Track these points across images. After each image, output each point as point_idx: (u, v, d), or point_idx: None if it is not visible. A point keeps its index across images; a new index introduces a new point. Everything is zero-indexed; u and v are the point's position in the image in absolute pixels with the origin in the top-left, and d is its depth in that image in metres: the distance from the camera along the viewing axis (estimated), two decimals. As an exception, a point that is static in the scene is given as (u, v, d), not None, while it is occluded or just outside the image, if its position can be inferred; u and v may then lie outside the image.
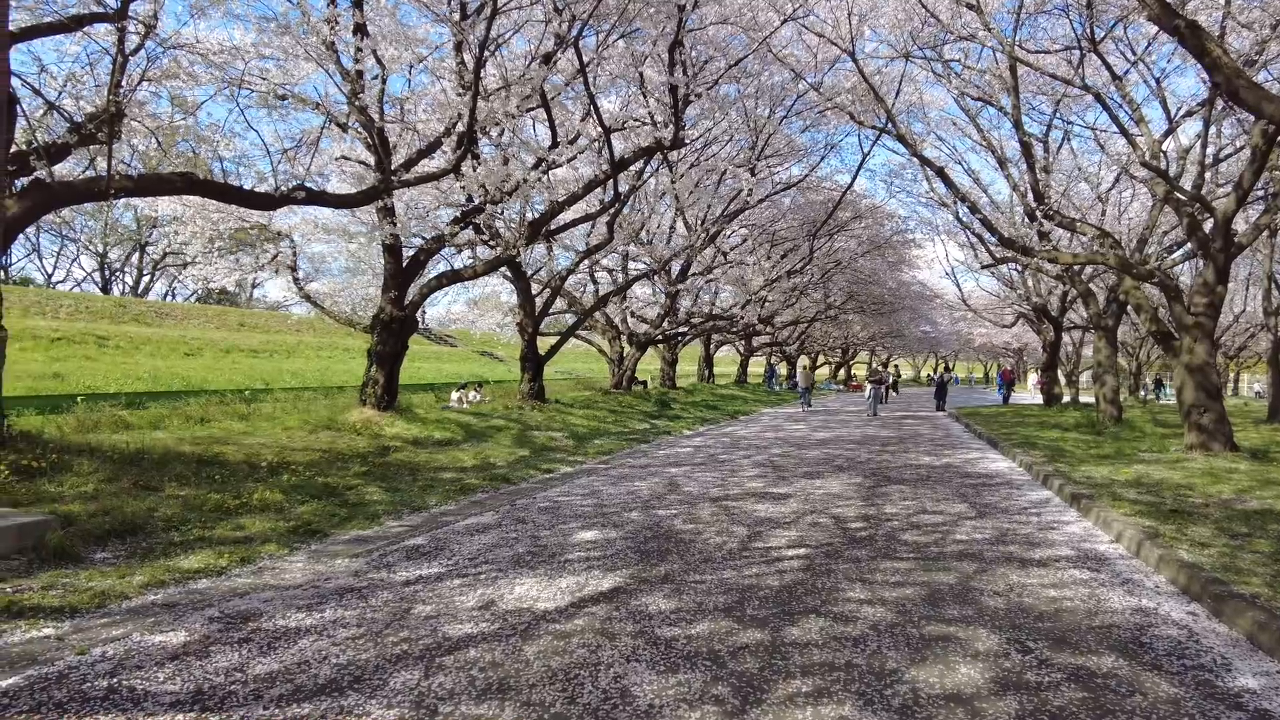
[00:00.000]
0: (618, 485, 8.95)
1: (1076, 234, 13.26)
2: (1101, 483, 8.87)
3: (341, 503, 7.37)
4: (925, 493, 8.63)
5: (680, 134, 11.48)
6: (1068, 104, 16.42)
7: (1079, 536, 6.47)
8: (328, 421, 11.85)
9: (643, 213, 20.01)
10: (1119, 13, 12.73)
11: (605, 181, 11.76)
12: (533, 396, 16.68)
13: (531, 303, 16.92)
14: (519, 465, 10.20)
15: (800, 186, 24.26)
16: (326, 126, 12.23)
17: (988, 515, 7.33)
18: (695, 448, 13.32)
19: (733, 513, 7.29)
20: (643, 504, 7.73)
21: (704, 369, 34.69)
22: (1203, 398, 11.73)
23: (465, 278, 12.83)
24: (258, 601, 4.50)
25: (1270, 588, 4.62)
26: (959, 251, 28.70)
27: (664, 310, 23.15)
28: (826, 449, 13.25)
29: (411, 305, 12.97)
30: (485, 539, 6.17)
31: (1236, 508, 7.37)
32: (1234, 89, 6.57)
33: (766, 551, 5.76)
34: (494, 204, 11.70)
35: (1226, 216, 11.46)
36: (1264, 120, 10.83)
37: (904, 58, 15.11)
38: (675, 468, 10.56)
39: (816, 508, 7.60)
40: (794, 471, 10.29)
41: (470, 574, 5.14)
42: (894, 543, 6.09)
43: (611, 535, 6.27)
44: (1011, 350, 69.68)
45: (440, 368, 39.93)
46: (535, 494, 8.29)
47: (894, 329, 47.53)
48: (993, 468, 11.10)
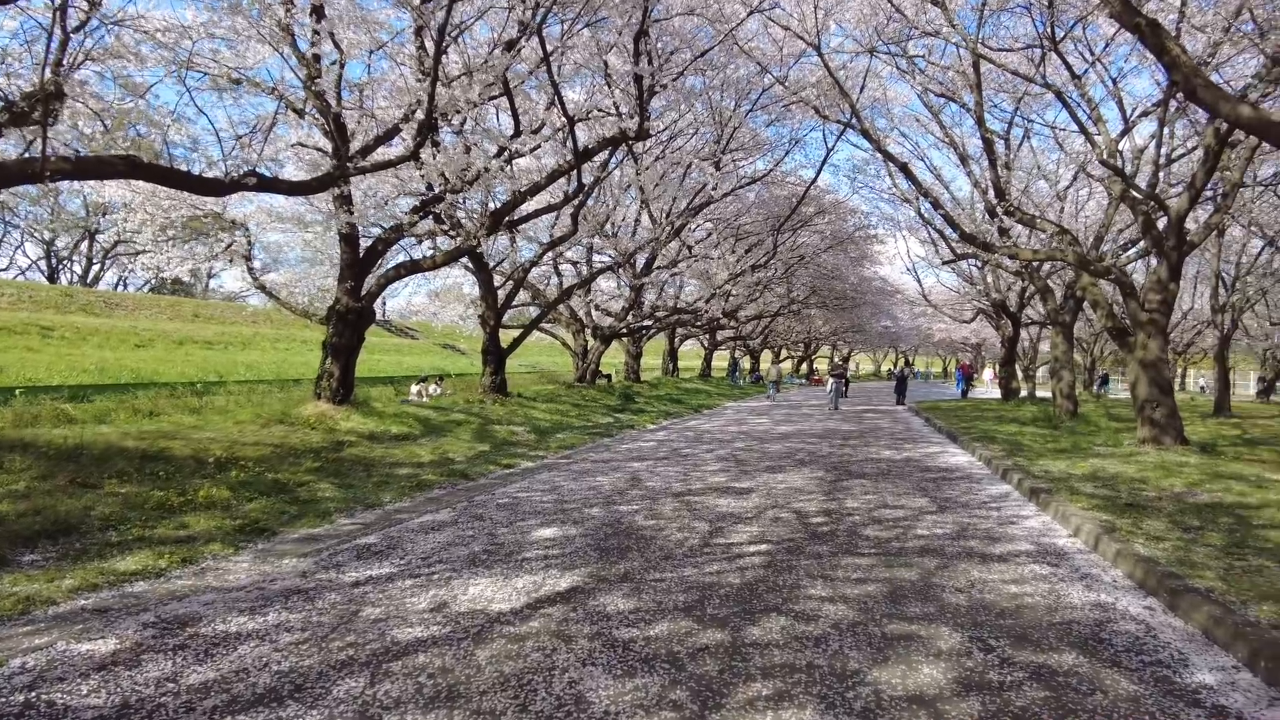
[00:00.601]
0: (579, 480, 8.81)
1: (1036, 231, 13.40)
2: (1059, 477, 8.96)
3: (292, 500, 7.13)
4: (886, 487, 8.63)
5: (645, 125, 11.34)
6: (1028, 102, 16.60)
7: (1038, 531, 6.50)
8: (281, 415, 11.52)
9: (607, 205, 19.83)
10: (1078, 13, 12.88)
11: (569, 172, 11.57)
12: (494, 390, 16.45)
13: (493, 295, 16.67)
14: (478, 460, 10.01)
15: (765, 181, 24.28)
16: (282, 112, 11.88)
17: (948, 510, 7.35)
18: (659, 442, 13.23)
19: (695, 508, 7.20)
20: (604, 499, 7.61)
21: (668, 363, 34.65)
22: (1155, 393, 11.95)
23: (424, 268, 12.55)
24: (197, 605, 4.29)
25: (1223, 581, 4.66)
26: (919, 247, 29.00)
27: (629, 303, 23.03)
28: (789, 443, 13.26)
29: (369, 296, 12.66)
30: (440, 537, 6.00)
31: (1188, 501, 7.48)
32: (1191, 88, 6.64)
33: (728, 548, 5.68)
34: (454, 193, 11.44)
35: (1180, 215, 11.66)
36: (1218, 120, 11.04)
37: (869, 53, 15.12)
38: (638, 462, 10.45)
39: (778, 502, 7.55)
40: (756, 465, 10.25)
41: (423, 574, 4.97)
42: (856, 538, 6.05)
43: (571, 532, 6.14)
44: (970, 345, 70.96)
45: (401, 361, 39.34)
46: (494, 490, 8.12)
47: (856, 324, 47.97)
48: (953, 462, 11.18)
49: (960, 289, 33.34)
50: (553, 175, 11.55)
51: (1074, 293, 17.80)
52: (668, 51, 14.01)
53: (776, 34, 16.32)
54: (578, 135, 11.46)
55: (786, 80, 15.48)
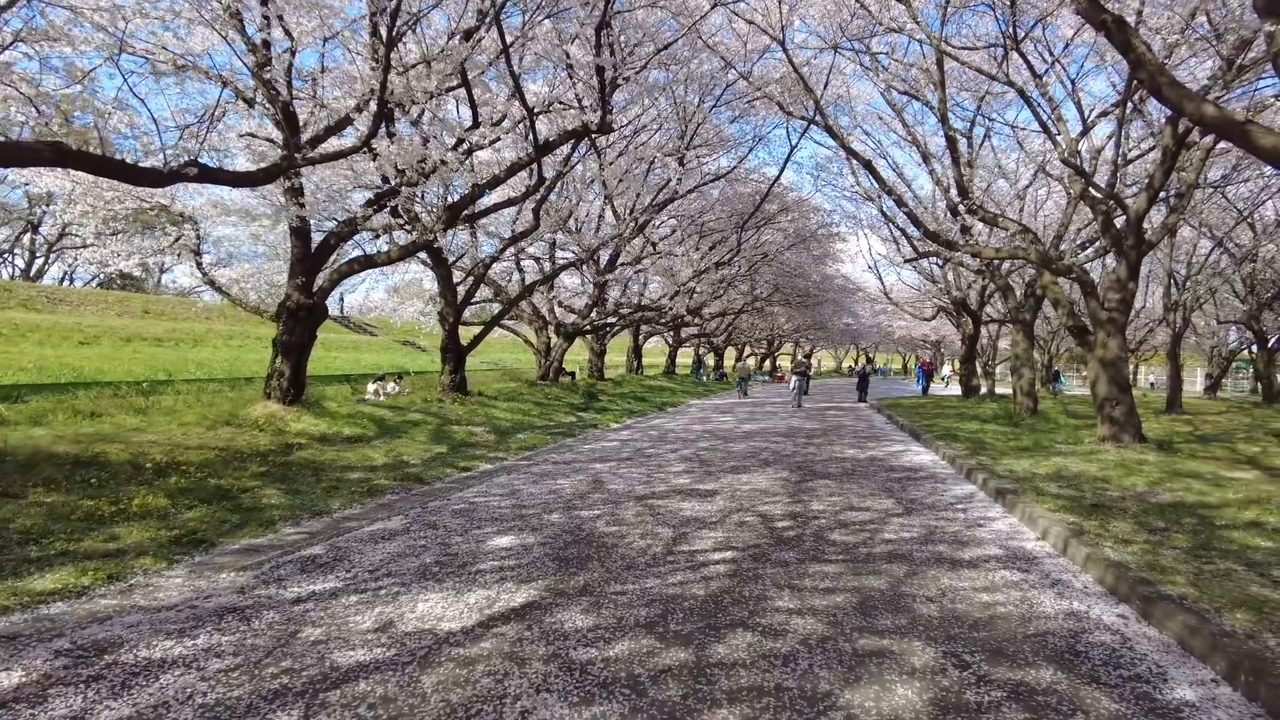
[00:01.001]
0: (539, 484, 8.55)
1: (999, 229, 13.44)
2: (1024, 476, 8.93)
3: (235, 507, 6.77)
4: (851, 488, 8.52)
5: (608, 118, 11.08)
6: (989, 102, 16.68)
7: (1006, 534, 6.41)
8: (228, 416, 11.06)
9: (570, 200, 19.53)
10: (1039, 13, 12.93)
11: (529, 165, 11.27)
12: (454, 389, 16.07)
13: (453, 291, 16.28)
14: (434, 463, 9.68)
15: (729, 178, 24.19)
16: (231, 102, 11.41)
17: (915, 512, 7.24)
18: (622, 441, 13.01)
19: (658, 512, 6.99)
20: (565, 504, 7.36)
21: (632, 360, 34.44)
22: (1115, 391, 12.05)
23: (379, 263, 12.15)
24: (120, 628, 3.96)
25: (1195, 587, 4.58)
26: (881, 245, 29.19)
27: (592, 300, 22.76)
28: (753, 442, 13.13)
29: (321, 292, 12.23)
30: (390, 547, 5.71)
31: (1151, 500, 7.48)
32: (1157, 86, 6.60)
33: (692, 556, 5.47)
34: (410, 186, 11.09)
35: (1139, 215, 11.75)
36: (1180, 121, 11.13)
37: (833, 49, 15.05)
38: (601, 463, 10.22)
39: (743, 505, 7.38)
40: (721, 466, 10.08)
41: (370, 589, 4.69)
42: (822, 543, 5.89)
43: (529, 541, 5.88)
44: (929, 343, 71.92)
45: (359, 358, 38.58)
46: (450, 495, 7.82)
47: (818, 321, 48.23)
48: (917, 461, 11.14)
49: (921, 287, 33.66)
50: (512, 168, 11.23)
51: (1034, 291, 17.97)
52: (631, 44, 13.77)
53: (741, 29, 16.17)
54: (539, 128, 11.16)
55: (751, 75, 15.32)
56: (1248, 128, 6.19)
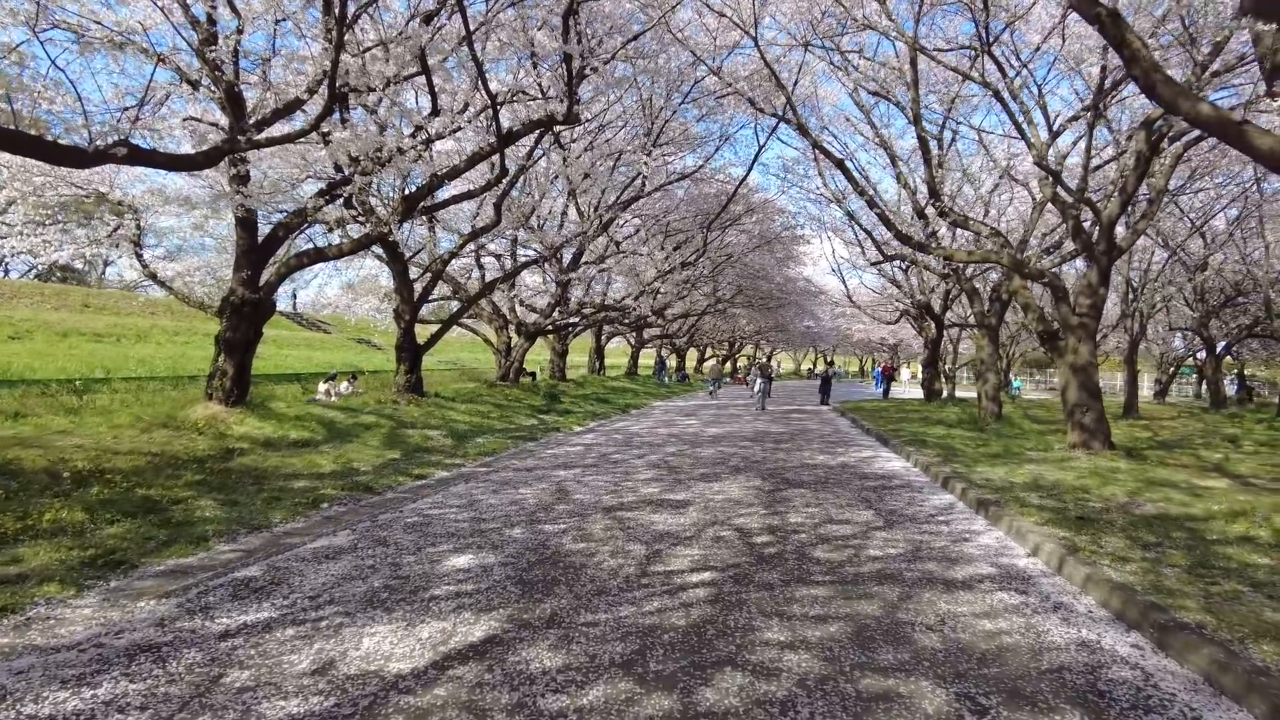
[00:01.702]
0: (500, 493, 8.03)
1: (970, 231, 13.28)
2: (1001, 485, 8.68)
3: (163, 521, 6.14)
4: (828, 498, 8.16)
5: (575, 109, 10.59)
6: (957, 105, 16.57)
7: (995, 550, 6.09)
8: (166, 418, 10.34)
9: (533, 196, 18.97)
10: (1009, 16, 12.80)
11: (491, 155, 10.72)
12: (409, 390, 15.41)
13: (409, 287, 15.62)
14: (386, 470, 9.09)
15: (694, 178, 23.83)
16: (175, 84, 10.68)
17: (897, 525, 6.89)
18: (586, 446, 12.52)
19: (628, 526, 6.54)
20: (527, 517, 6.86)
21: (595, 361, 33.93)
22: (1085, 397, 11.93)
23: (329, 256, 11.49)
24: (4, 676, 3.38)
25: (1209, 613, 4.27)
26: (844, 249, 29.14)
27: (555, 299, 22.21)
28: (720, 447, 12.75)
29: (267, 287, 11.54)
30: (335, 568, 5.16)
31: (1136, 513, 7.25)
32: (1151, 83, 6.36)
33: (668, 578, 5.03)
34: (364, 175, 10.48)
35: (1111, 219, 11.65)
36: (1156, 124, 11.04)
37: (803, 47, 14.76)
38: (565, 470, 9.72)
39: (718, 517, 6.96)
40: (690, 473, 9.66)
41: (309, 620, 4.15)
42: (806, 561, 5.50)
43: (489, 560, 5.38)
44: (887, 346, 72.62)
45: (311, 356, 37.42)
46: (402, 506, 7.27)
47: (779, 324, 48.27)
48: (889, 467, 10.85)
49: (882, 290, 33.75)
50: (473, 159, 10.68)
51: (1000, 295, 17.92)
52: (599, 35, 13.30)
53: (711, 24, 15.83)
54: (501, 117, 10.62)
55: (721, 71, 14.96)
56: (1244, 128, 5.96)
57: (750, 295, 36.92)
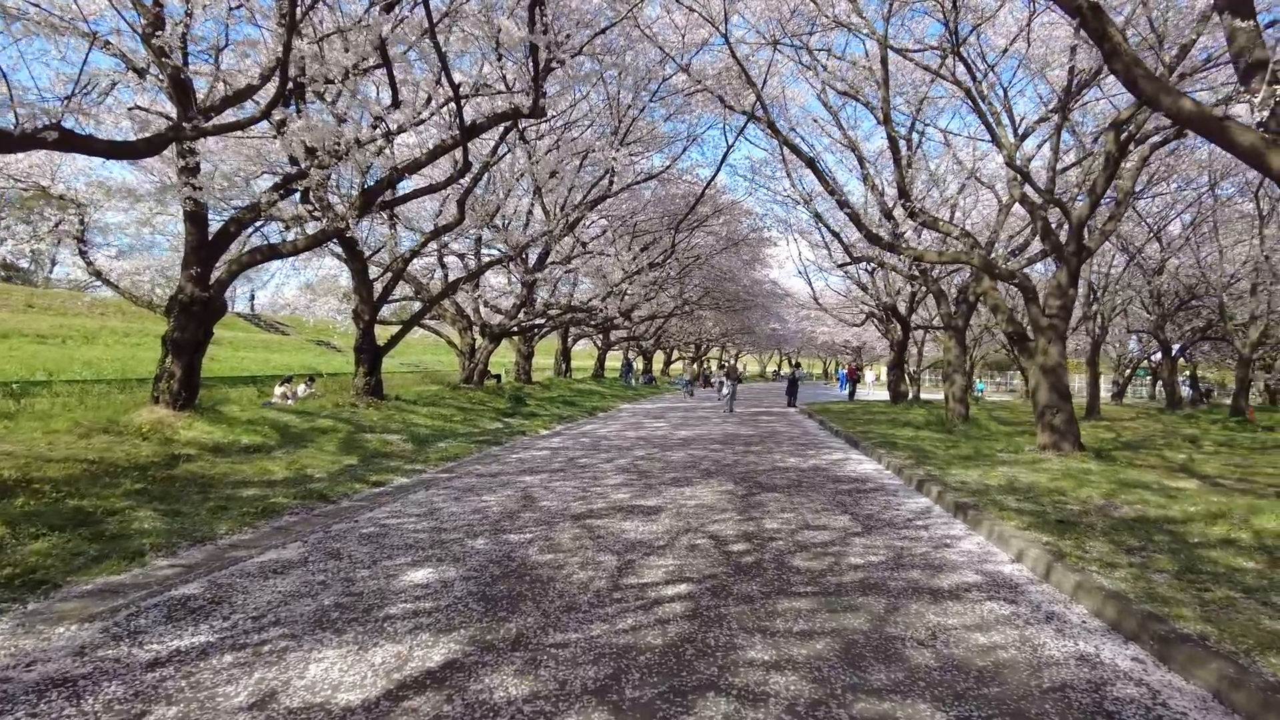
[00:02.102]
0: (462, 500, 7.66)
1: (939, 232, 13.21)
2: (977, 488, 8.53)
3: (95, 535, 5.68)
4: (802, 502, 7.93)
5: (541, 102, 10.26)
6: (925, 108, 16.55)
7: (978, 556, 5.89)
8: (107, 423, 9.76)
9: (498, 194, 18.54)
10: (976, 18, 12.76)
11: (454, 149, 10.34)
12: (369, 392, 14.90)
13: (369, 287, 15.11)
14: (342, 477, 8.65)
15: (662, 178, 23.58)
16: (120, 72, 10.13)
17: (875, 530, 6.68)
18: (553, 450, 12.17)
19: (598, 535, 6.22)
20: (491, 525, 6.51)
21: (561, 363, 33.52)
22: (1055, 399, 11.90)
23: (284, 253, 11.00)
24: (-111, 718, 2.96)
25: (1207, 623, 4.09)
26: (810, 251, 29.13)
27: (520, 300, 21.78)
28: (690, 450, 12.49)
29: (218, 284, 11.00)
30: (283, 584, 4.77)
31: (1114, 515, 7.13)
32: (1132, 78, 6.24)
33: (642, 591, 4.73)
34: (321, 169, 10.03)
35: (1081, 220, 11.64)
36: (1126, 126, 11.03)
37: (772, 45, 14.60)
38: (531, 475, 9.37)
39: (691, 524, 6.68)
40: (660, 478, 9.37)
41: (251, 644, 3.77)
42: (785, 571, 5.24)
43: (450, 574, 5.03)
44: (850, 348, 73.15)
45: (268, 358, 36.47)
46: (358, 515, 6.86)
47: (746, 326, 48.28)
48: (861, 470, 10.68)
49: (848, 293, 33.84)
50: (435, 152, 10.29)
51: (966, 297, 17.95)
52: (564, 31, 12.97)
53: (679, 21, 15.61)
54: (465, 109, 10.25)
55: (690, 68, 14.72)
56: (1226, 124, 5.85)
57: (717, 297, 36.81)
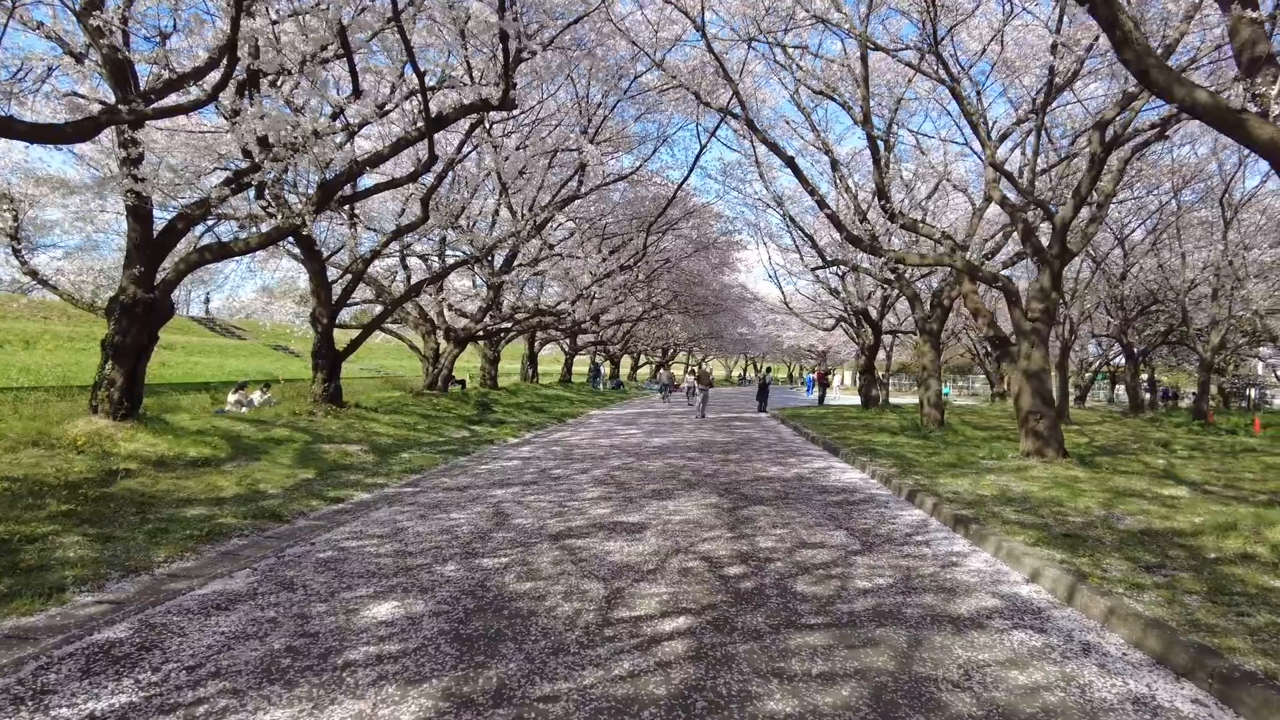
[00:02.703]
0: (429, 519, 7.07)
1: (920, 235, 12.92)
2: (971, 499, 8.18)
3: (8, 567, 5.00)
4: (792, 516, 7.49)
5: (511, 94, 9.73)
6: (901, 108, 16.34)
7: (990, 576, 5.49)
8: (38, 435, 8.99)
9: (463, 194, 17.90)
10: (951, 20, 12.55)
11: (418, 141, 9.76)
12: (327, 399, 14.17)
13: (327, 289, 14.39)
14: (299, 493, 8.00)
15: (631, 180, 23.13)
16: (57, 55, 9.40)
17: (876, 548, 6.25)
18: (524, 460, 11.60)
19: (580, 557, 5.70)
20: (462, 548, 5.94)
21: (527, 368, 32.83)
22: (1039, 404, 11.66)
23: (236, 252, 10.29)
24: None
25: (1268, 656, 3.71)
26: (780, 255, 28.92)
27: (486, 303, 21.12)
28: (668, 459, 12.01)
29: (164, 284, 10.26)
30: (227, 623, 4.17)
31: (1119, 528, 6.81)
32: (1144, 67, 5.93)
33: (636, 626, 4.22)
34: (276, 162, 9.37)
35: (1064, 222, 11.43)
36: (1109, 126, 10.83)
37: (747, 42, 14.25)
38: (502, 489, 8.80)
39: (680, 544, 6.19)
40: (640, 490, 8.87)
41: (184, 704, 3.19)
42: (790, 598, 4.78)
43: (418, 608, 4.47)
44: (816, 353, 73.40)
45: (224, 364, 35.24)
46: (315, 537, 6.25)
47: (714, 330, 48.03)
48: (846, 480, 10.30)
49: (816, 297, 33.68)
50: (398, 144, 9.69)
51: (941, 301, 17.76)
52: (536, 24, 12.45)
53: (651, 17, 15.19)
54: (432, 107, 9.67)
55: (664, 64, 14.28)
56: (1243, 118, 5.55)
57: (686, 301, 36.45)
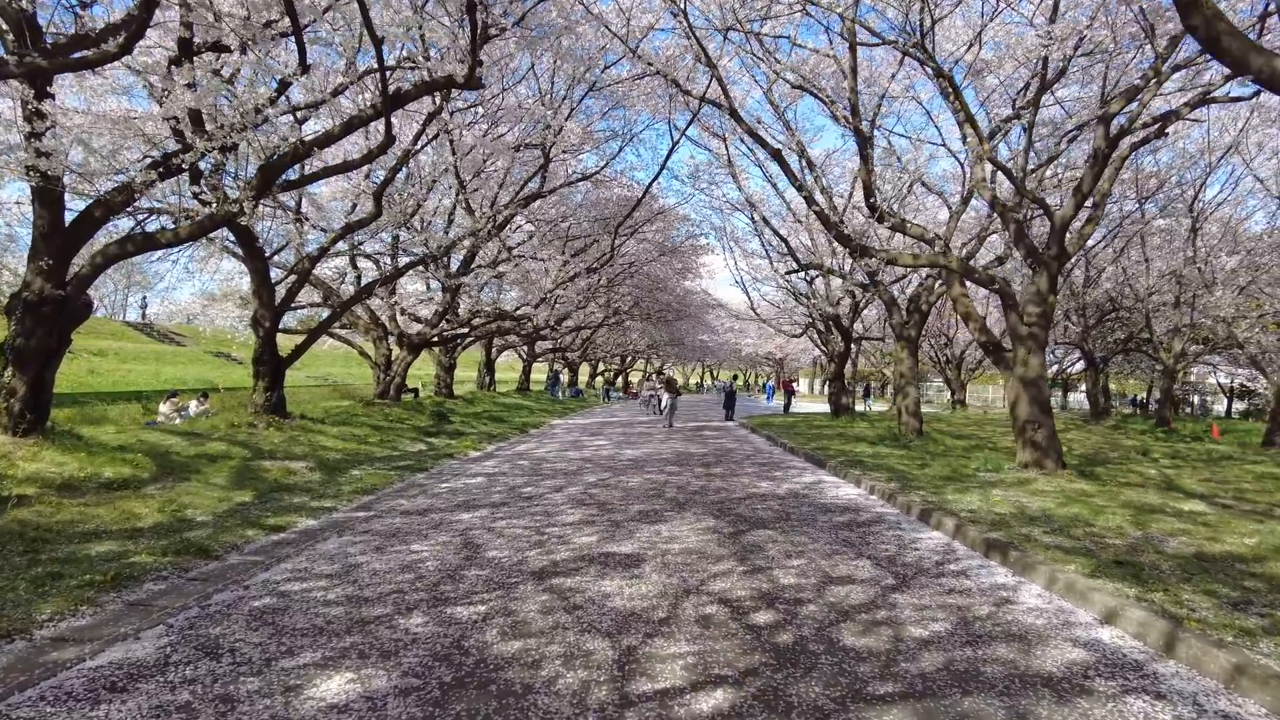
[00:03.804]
0: (386, 552, 6.03)
1: (909, 235, 12.26)
2: (990, 519, 7.43)
3: None
4: (804, 542, 6.64)
5: (477, 73, 8.75)
6: (882, 106, 15.74)
7: (1056, 617, 4.69)
8: (-81, 454, 7.70)
9: (419, 191, 16.75)
10: (939, 12, 11.98)
11: (374, 120, 8.71)
12: (270, 410, 12.91)
13: (270, 289, 13.14)
14: (233, 520, 6.86)
15: (595, 180, 22.20)
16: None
17: (911, 582, 5.42)
18: (489, 476, 10.56)
19: (574, 603, 4.74)
20: (429, 592, 4.93)
21: (484, 375, 31.60)
22: (1037, 413, 11.06)
23: (163, 243, 9.08)
24: None
25: None
26: (744, 260, 28.21)
27: (443, 307, 19.95)
28: (646, 473, 11.09)
29: (78, 280, 9.01)
30: (120, 714, 3.12)
31: (1167, 551, 6.12)
32: (1214, 34, 5.26)
33: (665, 707, 3.29)
34: (212, 142, 8.25)
35: (1064, 222, 10.87)
36: (1114, 120, 10.27)
37: (723, 33, 13.48)
38: (469, 512, 7.77)
39: (687, 581, 5.27)
40: (625, 510, 7.93)
41: None
42: (842, 656, 3.90)
43: (379, 683, 3.47)
44: (774, 360, 73.25)
45: (160, 371, 33.25)
46: (249, 578, 5.17)
47: (675, 337, 47.30)
48: (843, 495, 9.50)
49: (782, 303, 33.16)
50: (350, 123, 8.62)
51: (919, 306, 17.21)
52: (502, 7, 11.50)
53: (624, 3, 14.33)
54: (392, 72, 8.62)
55: (639, 51, 13.41)
56: (1327, 90, 4.89)
57: (648, 307, 35.62)
